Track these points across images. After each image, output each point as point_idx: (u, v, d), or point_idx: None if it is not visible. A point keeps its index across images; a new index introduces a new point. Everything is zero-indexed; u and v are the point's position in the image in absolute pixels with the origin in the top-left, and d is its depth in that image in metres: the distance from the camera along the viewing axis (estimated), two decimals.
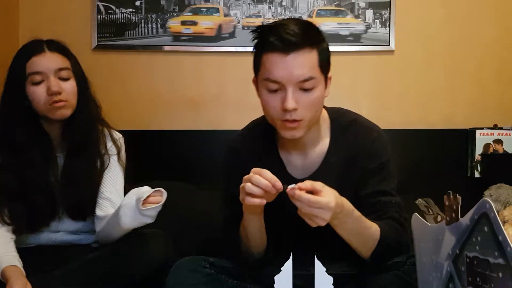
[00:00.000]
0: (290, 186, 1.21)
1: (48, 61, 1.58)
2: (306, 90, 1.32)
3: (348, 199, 1.31)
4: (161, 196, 1.44)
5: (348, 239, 1.34)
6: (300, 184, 1.21)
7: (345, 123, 1.49)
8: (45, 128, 1.61)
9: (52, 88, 1.55)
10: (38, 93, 1.56)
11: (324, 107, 1.51)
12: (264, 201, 1.25)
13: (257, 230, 1.40)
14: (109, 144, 1.69)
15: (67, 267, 1.52)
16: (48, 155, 1.61)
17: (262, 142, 1.49)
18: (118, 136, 1.73)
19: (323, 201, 1.19)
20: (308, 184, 1.21)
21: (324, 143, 1.48)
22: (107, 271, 1.50)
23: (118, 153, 1.70)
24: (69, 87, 1.59)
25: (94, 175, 1.63)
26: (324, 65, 1.36)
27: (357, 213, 1.30)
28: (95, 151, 1.65)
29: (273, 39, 1.30)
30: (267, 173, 1.23)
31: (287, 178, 1.44)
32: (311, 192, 1.20)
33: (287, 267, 1.13)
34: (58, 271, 1.51)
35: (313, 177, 1.44)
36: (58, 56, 1.60)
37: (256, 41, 1.37)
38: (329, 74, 1.41)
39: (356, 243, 1.35)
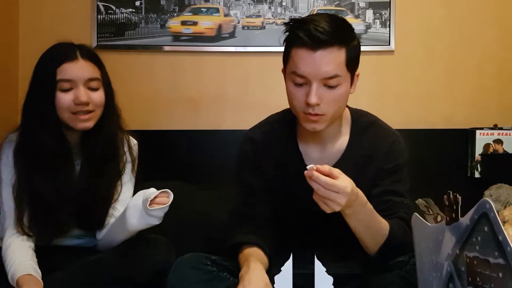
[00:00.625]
0: (309, 166, 1.23)
1: (80, 70, 1.51)
2: (330, 87, 1.35)
3: None
4: (167, 197, 1.43)
5: (358, 230, 1.35)
6: (318, 166, 1.23)
7: (365, 124, 1.52)
8: (66, 135, 1.57)
9: (81, 98, 1.49)
10: (65, 100, 1.50)
11: (348, 106, 1.54)
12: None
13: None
14: (126, 150, 1.67)
15: (69, 269, 1.51)
16: (68, 164, 1.57)
17: (281, 134, 1.52)
18: (133, 142, 1.70)
19: (340, 185, 1.21)
20: (326, 168, 1.23)
21: (343, 140, 1.50)
22: (109, 273, 1.49)
23: (133, 162, 1.68)
24: (98, 98, 1.54)
25: (113, 194, 1.61)
26: (352, 63, 1.38)
27: (369, 205, 1.32)
28: (115, 169, 1.63)
29: (303, 34, 1.32)
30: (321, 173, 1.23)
31: (304, 171, 1.47)
32: (328, 177, 1.23)
33: (287, 267, 1.13)
34: (60, 273, 1.50)
35: None
36: (90, 65, 1.54)
37: (287, 33, 1.39)
38: (357, 72, 1.43)
39: (365, 236, 1.36)
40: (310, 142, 1.50)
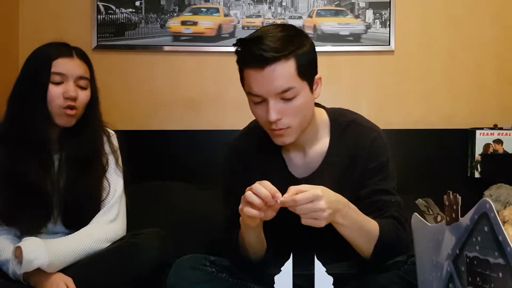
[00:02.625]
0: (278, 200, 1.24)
1: (74, 66, 1.59)
2: (288, 99, 1.34)
3: (348, 199, 1.32)
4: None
5: (350, 235, 1.34)
6: (282, 199, 1.23)
7: (344, 123, 1.50)
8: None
9: (70, 92, 1.56)
10: (54, 92, 1.56)
11: (324, 107, 1.54)
12: (262, 214, 1.25)
13: (254, 241, 1.41)
14: (106, 146, 1.70)
15: (67, 266, 1.52)
16: (46, 157, 1.60)
17: (264, 141, 1.50)
18: (111, 133, 1.73)
19: (309, 194, 1.21)
20: (291, 191, 1.23)
21: (324, 143, 1.50)
22: (107, 269, 1.50)
23: (115, 152, 1.71)
24: (84, 97, 1.61)
25: (98, 190, 1.63)
26: (305, 71, 1.36)
27: (353, 206, 1.32)
28: (99, 166, 1.66)
29: (248, 55, 1.34)
30: (268, 184, 1.25)
31: (289, 177, 1.49)
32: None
33: (287, 267, 1.13)
34: (59, 270, 1.50)
35: (314, 176, 1.48)
36: (83, 65, 1.62)
37: (238, 59, 1.40)
38: (318, 75, 1.41)
39: (358, 239, 1.35)
40: (291, 149, 1.50)
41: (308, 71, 1.37)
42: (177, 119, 2.55)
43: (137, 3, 2.56)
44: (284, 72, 1.32)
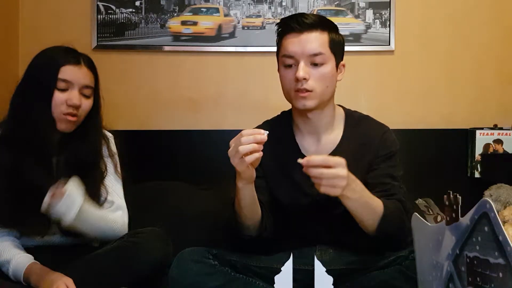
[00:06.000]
0: (299, 160, 1.33)
1: (81, 75, 1.59)
2: (316, 65, 1.50)
3: None
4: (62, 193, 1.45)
5: (356, 210, 1.40)
6: (311, 159, 1.32)
7: (358, 118, 1.63)
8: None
9: (74, 100, 1.56)
10: (59, 99, 1.56)
11: (342, 106, 1.67)
12: (261, 152, 1.36)
13: (250, 200, 1.48)
14: (104, 150, 1.70)
15: (66, 266, 1.51)
16: (47, 161, 1.59)
17: (279, 130, 1.63)
18: (108, 135, 1.73)
19: (335, 159, 1.31)
20: (319, 159, 1.32)
21: (337, 133, 1.60)
22: (106, 269, 1.50)
23: (112, 156, 1.70)
24: (87, 105, 1.61)
25: (95, 198, 1.62)
26: (335, 48, 1.54)
27: (359, 182, 1.39)
28: (98, 171, 1.66)
29: (291, 22, 1.53)
30: (245, 131, 1.35)
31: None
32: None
33: (287, 267, 1.13)
34: (58, 271, 1.50)
35: None
36: (89, 74, 1.62)
37: (280, 29, 1.57)
38: (343, 62, 1.59)
39: (363, 214, 1.41)
40: (306, 134, 1.61)
41: (337, 49, 1.55)
42: (177, 119, 2.55)
43: (137, 3, 2.55)
44: (318, 38, 1.51)
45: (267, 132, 1.34)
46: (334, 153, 1.56)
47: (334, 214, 1.50)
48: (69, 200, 1.45)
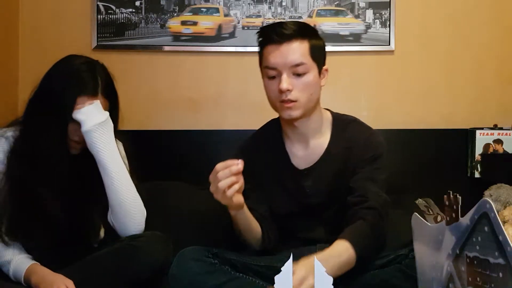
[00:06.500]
0: None
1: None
2: (299, 75, 1.52)
3: (346, 189, 1.52)
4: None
5: (335, 276, 1.34)
6: None
7: (346, 121, 1.64)
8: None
9: (79, 139, 1.55)
10: (70, 130, 1.55)
11: (329, 110, 1.68)
12: (241, 181, 1.38)
13: (247, 222, 1.52)
14: None
15: (67, 267, 1.51)
16: (56, 178, 1.57)
17: (269, 138, 1.67)
18: (118, 142, 1.69)
19: (296, 279, 1.22)
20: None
21: (325, 137, 1.62)
22: (107, 271, 1.50)
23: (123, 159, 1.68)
24: None
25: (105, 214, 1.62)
26: (317, 56, 1.55)
27: (326, 254, 1.35)
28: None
29: (271, 33, 1.54)
30: (219, 165, 1.38)
31: (291, 169, 1.63)
32: None
33: (287, 267, 1.13)
34: (59, 271, 1.50)
35: (315, 167, 1.61)
36: (105, 102, 1.58)
37: (260, 39, 1.58)
38: (325, 67, 1.60)
39: (343, 271, 1.38)
40: (295, 141, 1.63)
41: (318, 56, 1.56)
42: (177, 119, 2.55)
43: (137, 3, 2.55)
44: (298, 48, 1.52)
45: (241, 160, 1.36)
46: (322, 158, 1.60)
47: (328, 215, 1.56)
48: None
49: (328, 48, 2.57)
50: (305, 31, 1.55)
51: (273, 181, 1.63)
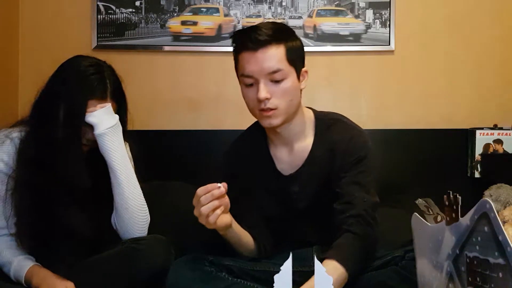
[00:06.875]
0: None
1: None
2: (277, 81, 1.45)
3: (331, 193, 1.47)
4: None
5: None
6: None
7: (329, 122, 1.58)
8: None
9: (86, 142, 1.56)
10: (84, 132, 1.55)
11: (312, 109, 1.63)
12: (226, 201, 1.36)
13: (237, 238, 1.50)
14: None
15: (68, 270, 1.51)
16: (67, 185, 1.55)
17: (253, 143, 1.63)
18: (125, 144, 1.69)
19: None
20: None
21: (309, 140, 1.57)
22: (108, 274, 1.49)
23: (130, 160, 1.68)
24: None
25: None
26: (294, 59, 1.48)
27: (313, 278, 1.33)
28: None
29: (245, 39, 1.47)
30: (200, 190, 1.35)
31: (276, 175, 1.59)
32: None
33: (287, 267, 1.13)
34: (59, 273, 1.50)
35: (299, 172, 1.57)
36: (113, 105, 1.59)
37: (234, 45, 1.52)
38: (304, 69, 1.52)
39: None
40: (278, 145, 1.59)
41: (296, 60, 1.48)
42: (177, 119, 2.55)
43: (137, 3, 2.56)
44: (274, 54, 1.44)
45: (223, 183, 1.33)
46: (306, 161, 1.55)
47: (317, 217, 1.53)
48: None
49: (328, 48, 2.61)
50: (280, 35, 1.46)
51: (260, 186, 1.60)
